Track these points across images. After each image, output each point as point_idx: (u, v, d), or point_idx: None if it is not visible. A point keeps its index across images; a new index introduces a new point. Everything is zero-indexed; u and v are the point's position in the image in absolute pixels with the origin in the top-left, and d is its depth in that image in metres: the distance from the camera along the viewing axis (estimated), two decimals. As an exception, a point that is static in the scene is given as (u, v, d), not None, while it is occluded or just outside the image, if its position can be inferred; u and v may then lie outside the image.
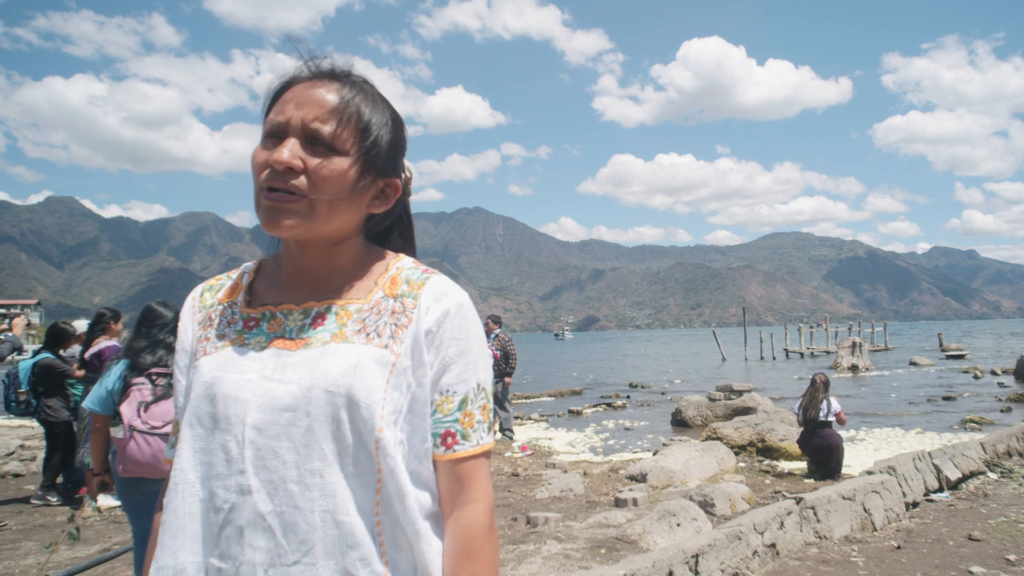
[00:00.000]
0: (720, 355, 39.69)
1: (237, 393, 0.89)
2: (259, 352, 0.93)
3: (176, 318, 3.34)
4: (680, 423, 12.98)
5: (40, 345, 6.58)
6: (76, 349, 6.58)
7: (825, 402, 7.81)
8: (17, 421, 11.39)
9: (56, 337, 6.48)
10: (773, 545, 4.33)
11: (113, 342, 5.98)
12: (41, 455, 7.09)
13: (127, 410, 2.93)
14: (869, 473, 5.86)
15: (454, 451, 0.94)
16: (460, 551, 0.92)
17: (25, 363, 6.36)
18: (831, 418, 7.76)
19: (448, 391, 0.94)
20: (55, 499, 6.26)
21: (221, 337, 0.97)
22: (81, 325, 6.67)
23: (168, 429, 2.91)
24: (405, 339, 0.93)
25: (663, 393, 20.12)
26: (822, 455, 7.75)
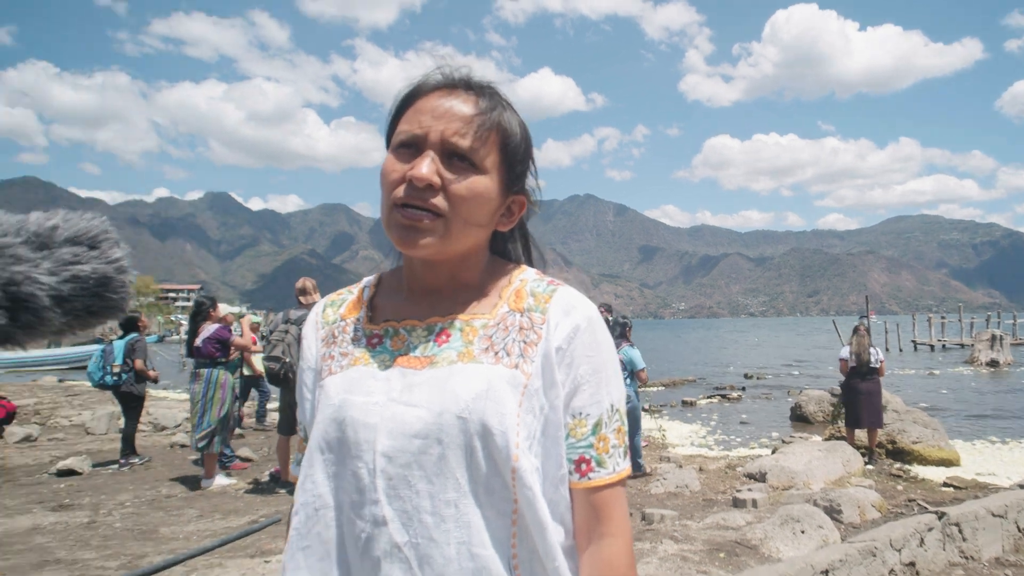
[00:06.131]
0: (841, 345, 37.52)
1: (366, 418, 0.86)
2: (384, 371, 0.90)
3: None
4: (800, 418, 12.45)
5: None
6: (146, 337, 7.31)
7: (872, 348, 8.34)
8: (185, 396, 12.60)
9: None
10: (912, 564, 4.08)
11: (217, 326, 6.50)
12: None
13: None
14: (1021, 487, 5.39)
15: (589, 479, 0.89)
16: None
17: (119, 342, 7.26)
18: (877, 364, 8.32)
19: (581, 414, 0.89)
20: (137, 460, 7.38)
21: (345, 355, 0.95)
22: (224, 308, 7.21)
23: None
24: (535, 358, 0.88)
25: (781, 386, 19.32)
26: (872, 400, 8.20)
